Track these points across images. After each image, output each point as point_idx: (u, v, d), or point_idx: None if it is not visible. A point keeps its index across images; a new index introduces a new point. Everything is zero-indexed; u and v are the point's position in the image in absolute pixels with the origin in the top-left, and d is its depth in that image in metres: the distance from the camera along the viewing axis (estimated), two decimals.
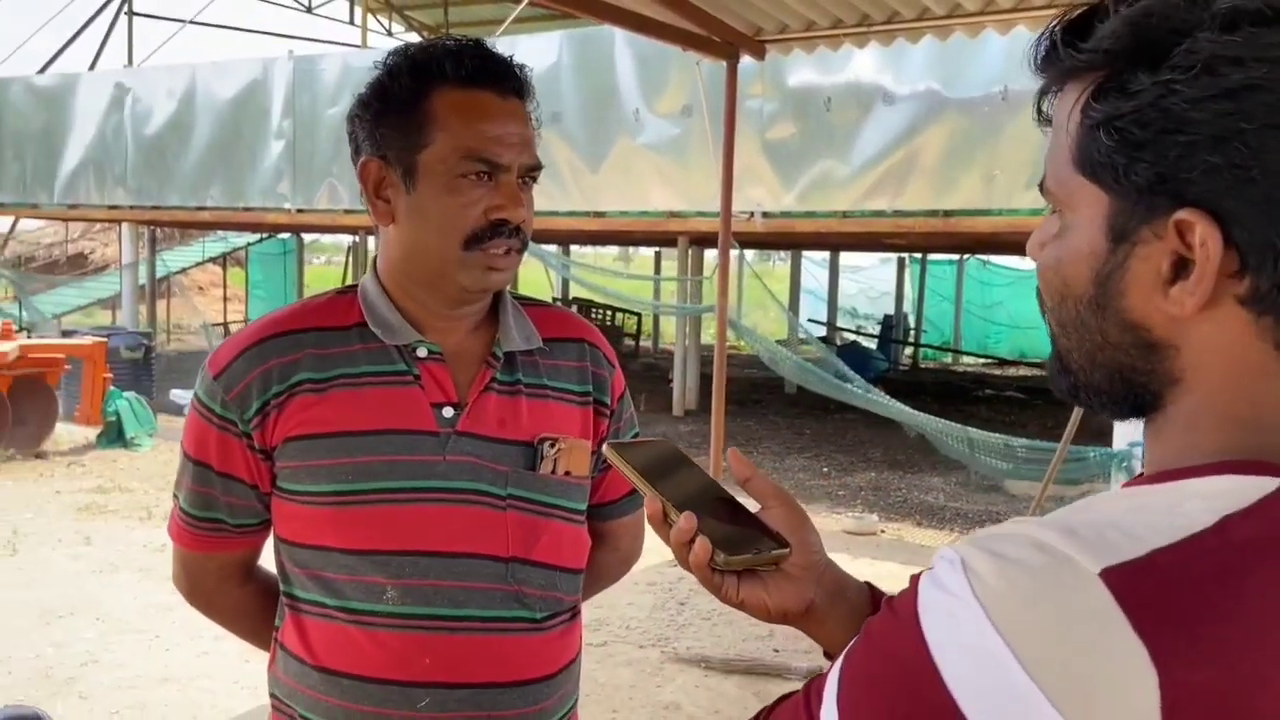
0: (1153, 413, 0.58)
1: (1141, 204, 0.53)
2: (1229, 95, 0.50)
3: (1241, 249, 0.51)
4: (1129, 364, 0.57)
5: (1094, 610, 0.47)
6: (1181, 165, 0.51)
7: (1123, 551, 0.48)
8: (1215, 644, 0.46)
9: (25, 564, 5.45)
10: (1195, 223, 0.51)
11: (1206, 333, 0.54)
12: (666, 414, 11.08)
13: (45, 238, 23.35)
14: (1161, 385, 0.57)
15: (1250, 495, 0.50)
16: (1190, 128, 0.51)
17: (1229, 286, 0.52)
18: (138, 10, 16.54)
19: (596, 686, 4.01)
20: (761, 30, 4.92)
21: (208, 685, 3.97)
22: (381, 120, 1.18)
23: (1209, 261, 0.52)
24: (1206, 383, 0.55)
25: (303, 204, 11.49)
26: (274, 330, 1.21)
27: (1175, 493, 0.53)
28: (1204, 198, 0.51)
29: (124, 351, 9.94)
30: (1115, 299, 0.56)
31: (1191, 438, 0.56)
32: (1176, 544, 0.48)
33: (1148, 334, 0.56)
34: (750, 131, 8.39)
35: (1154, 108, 0.52)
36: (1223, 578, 0.48)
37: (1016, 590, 0.48)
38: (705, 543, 0.74)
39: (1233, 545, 0.48)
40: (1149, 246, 0.54)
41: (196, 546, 1.28)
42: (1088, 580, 0.47)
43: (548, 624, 1.23)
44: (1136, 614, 0.46)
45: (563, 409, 1.26)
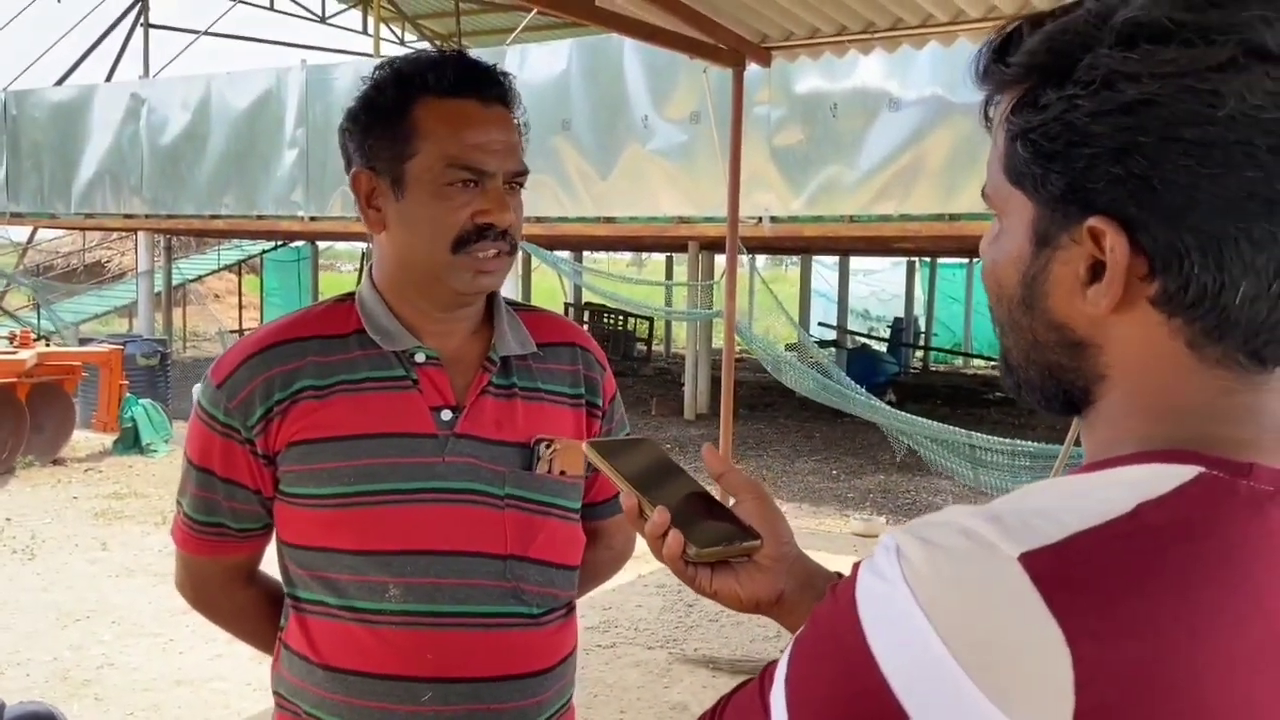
0: (1085, 408, 0.60)
1: (1059, 211, 0.56)
2: (1126, 110, 0.52)
3: (1149, 254, 0.53)
4: (1058, 362, 0.59)
5: (1011, 592, 0.48)
6: (1088, 176, 0.54)
7: (1042, 536, 0.50)
8: (1126, 622, 0.48)
9: (43, 568, 5.53)
10: (1104, 230, 0.54)
11: (1125, 332, 0.56)
12: (678, 417, 11.10)
13: (63, 247, 23.55)
14: (1089, 382, 0.59)
15: (1167, 483, 0.52)
16: (1093, 141, 0.53)
17: (1141, 289, 0.54)
18: (154, 22, 16.68)
19: (605, 687, 4.04)
20: (767, 38, 4.95)
21: (221, 687, 4.02)
22: (369, 133, 1.21)
23: (1117, 265, 0.54)
24: (1128, 379, 0.57)
25: (316, 211, 11.58)
26: (276, 339, 1.25)
27: (1100, 480, 0.55)
28: (1111, 206, 0.53)
29: (140, 359, 10.03)
30: (1041, 300, 0.58)
31: (1118, 430, 0.58)
32: (1093, 528, 0.50)
33: (1072, 333, 0.58)
34: (758, 137, 8.42)
35: (1058, 121, 0.54)
36: (1135, 559, 0.49)
37: (940, 574, 0.50)
38: (678, 536, 0.77)
39: (1146, 529, 0.50)
40: (1068, 251, 0.56)
41: (200, 551, 1.30)
42: (1006, 563, 0.49)
43: (545, 619, 1.27)
44: (1051, 595, 0.48)
45: (556, 411, 1.29)
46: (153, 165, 12.83)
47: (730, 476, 0.83)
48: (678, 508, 0.79)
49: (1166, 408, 0.56)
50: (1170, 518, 0.51)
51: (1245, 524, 0.51)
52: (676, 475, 0.85)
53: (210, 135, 12.29)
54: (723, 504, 0.83)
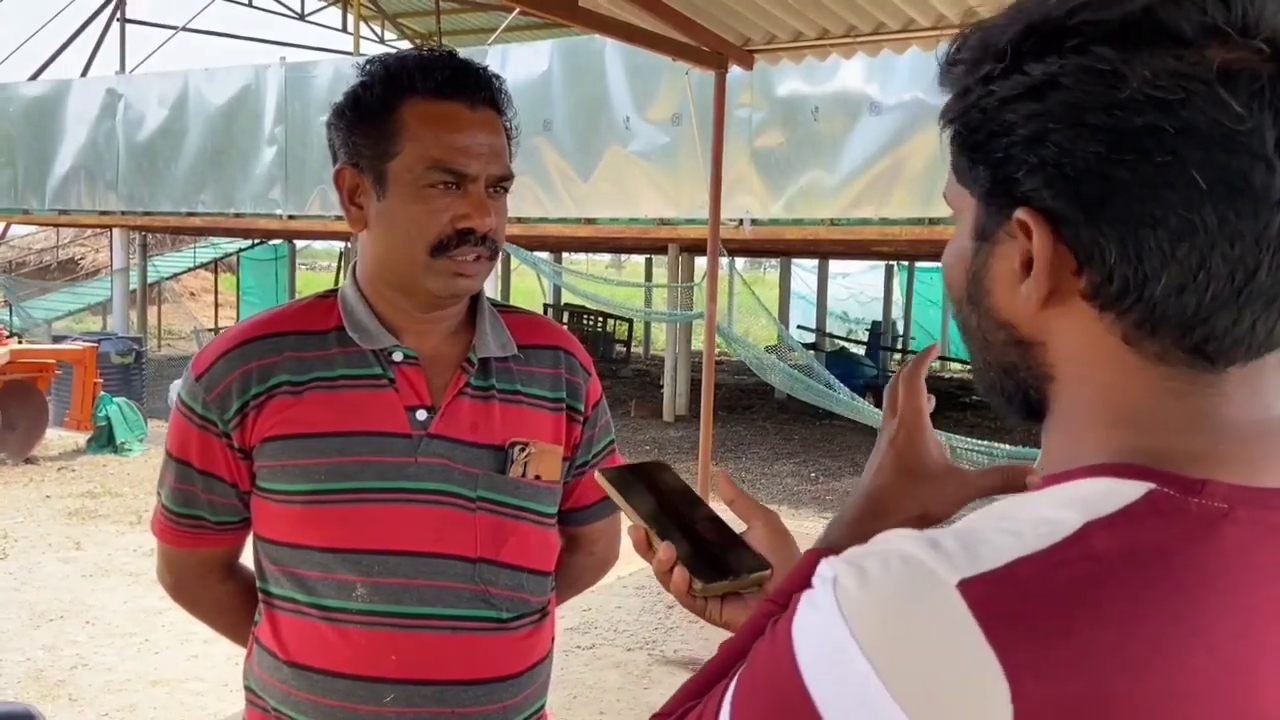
0: (1044, 412, 0.58)
1: (992, 205, 0.55)
2: (1033, 94, 0.51)
3: (1074, 246, 0.52)
4: (1009, 361, 0.58)
5: (948, 621, 0.47)
6: (1009, 166, 0.52)
7: (983, 562, 0.48)
8: (1068, 657, 0.46)
9: (15, 568, 5.46)
10: (1029, 222, 0.52)
11: (1063, 328, 0.54)
12: (657, 419, 11.10)
13: (36, 243, 23.29)
14: (1040, 382, 0.57)
15: (1115, 502, 0.50)
16: (1009, 129, 0.52)
17: (1073, 283, 0.53)
18: (130, 17, 16.54)
19: (584, 688, 4.04)
20: (750, 40, 4.97)
21: (197, 688, 3.99)
22: (354, 129, 1.21)
23: (1042, 259, 0.52)
24: (1073, 377, 0.55)
25: (294, 210, 11.51)
26: (255, 333, 1.24)
27: (1048, 498, 0.53)
28: (1032, 197, 0.52)
29: (115, 357, 9.93)
30: (985, 297, 0.57)
31: (1071, 439, 0.56)
32: (1036, 554, 0.48)
33: (1016, 331, 0.56)
34: (739, 140, 8.45)
35: (976, 108, 0.53)
36: (1078, 589, 0.47)
37: (876, 603, 0.48)
38: (683, 572, 0.77)
39: (1091, 555, 0.48)
40: (1005, 245, 0.55)
41: (179, 543, 1.30)
42: (944, 591, 0.47)
43: (514, 624, 1.26)
44: (990, 625, 0.46)
45: (535, 414, 1.28)
46: (129, 162, 12.71)
47: (742, 503, 0.82)
48: (686, 539, 0.79)
49: (1116, 411, 0.54)
50: (1115, 542, 0.48)
51: (1194, 547, 0.49)
52: (689, 500, 0.84)
53: (187, 132, 12.19)
54: (733, 531, 0.82)
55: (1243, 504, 0.50)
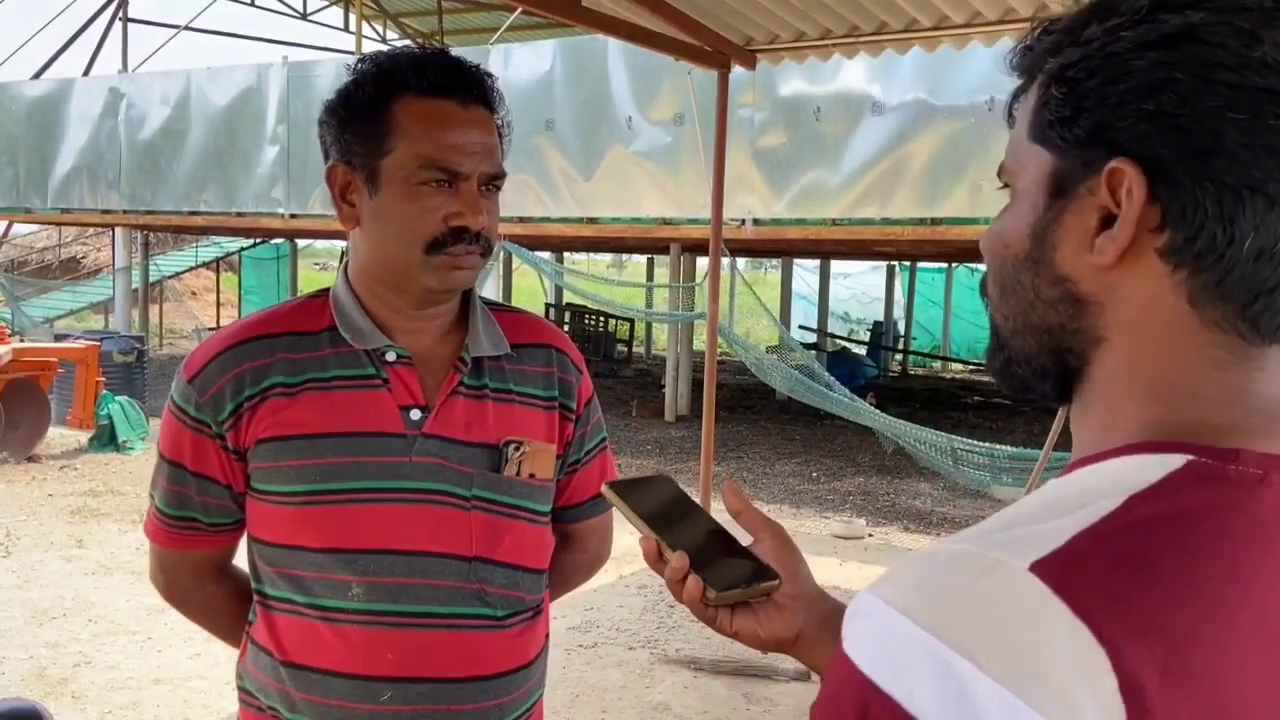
0: (1078, 383, 0.59)
1: (1080, 158, 0.56)
2: (1166, 42, 0.52)
3: (1164, 203, 0.53)
4: (1057, 322, 0.58)
5: (1032, 602, 0.47)
6: (1119, 113, 0.54)
7: (1046, 544, 0.49)
8: (1147, 618, 0.47)
9: (18, 566, 5.47)
10: (1125, 170, 0.53)
11: (1127, 286, 0.55)
12: (659, 419, 11.10)
13: (38, 242, 23.31)
14: (1086, 345, 0.58)
15: (1154, 474, 0.52)
16: (1130, 75, 0.53)
17: (1150, 241, 0.54)
18: (133, 16, 16.55)
19: (586, 687, 4.04)
20: (752, 40, 4.97)
21: (200, 686, 4.00)
22: (346, 127, 1.21)
23: (1132, 207, 0.53)
24: (1128, 340, 0.56)
25: (297, 209, 11.51)
26: (247, 335, 1.24)
27: (1086, 478, 0.54)
28: (1135, 146, 0.53)
29: (116, 355, 9.94)
30: (1048, 252, 0.58)
31: (1111, 414, 0.57)
32: (1091, 528, 0.49)
33: (1075, 287, 0.57)
34: (741, 140, 8.45)
35: (1100, 54, 0.55)
36: (1140, 555, 0.49)
37: (958, 601, 0.48)
38: (697, 580, 0.78)
39: (1137, 524, 0.50)
40: (1083, 201, 0.56)
41: (172, 545, 1.30)
42: (1019, 574, 0.48)
43: (508, 622, 1.26)
44: (1073, 599, 0.47)
45: (528, 413, 1.29)
46: (131, 161, 12.72)
47: (749, 515, 0.84)
48: (696, 549, 0.80)
49: (1155, 382, 0.56)
50: (1163, 509, 0.50)
51: (1236, 510, 0.51)
52: (693, 513, 0.86)
53: (190, 131, 12.20)
54: (740, 543, 0.84)
55: (1277, 470, 0.52)
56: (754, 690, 4.06)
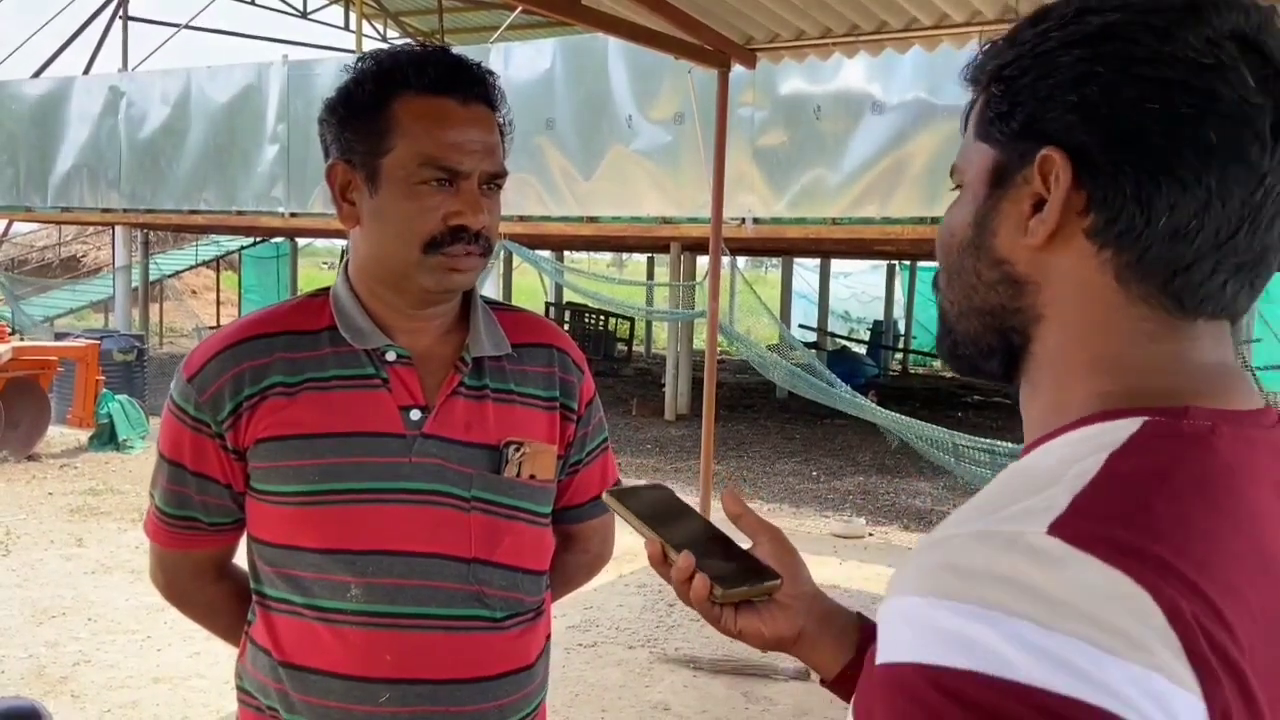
0: (1024, 362, 0.63)
1: (1017, 150, 0.60)
2: (1089, 40, 0.57)
3: (1088, 187, 0.57)
4: (999, 303, 0.63)
5: (1068, 560, 0.49)
6: (1048, 106, 0.58)
7: (1051, 511, 0.51)
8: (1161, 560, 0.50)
9: (18, 564, 5.47)
10: (1054, 157, 0.58)
11: (1060, 265, 0.60)
12: (659, 419, 11.10)
13: (38, 241, 23.31)
14: (1028, 323, 0.62)
15: (1121, 434, 0.56)
16: (1057, 71, 0.58)
17: (1078, 223, 0.58)
18: (133, 15, 16.54)
19: (586, 686, 4.04)
20: (753, 39, 4.97)
21: (199, 685, 4.00)
22: (347, 125, 1.20)
23: (1059, 191, 0.58)
24: (1065, 317, 0.60)
25: (297, 208, 11.51)
26: (246, 334, 1.24)
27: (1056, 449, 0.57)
28: (1063, 136, 0.58)
29: (117, 354, 9.94)
30: (988, 238, 0.62)
31: (1059, 393, 0.61)
32: (1085, 489, 0.52)
33: (1013, 269, 0.61)
34: (742, 139, 8.45)
35: (1032, 54, 0.60)
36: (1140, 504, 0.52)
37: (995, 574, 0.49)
38: (704, 579, 0.81)
39: (1128, 477, 0.53)
40: (1019, 189, 0.60)
41: (172, 544, 1.30)
42: (1044, 540, 0.50)
43: (507, 623, 1.26)
44: (1099, 551, 0.49)
45: (529, 414, 1.28)
46: (131, 159, 12.71)
47: (748, 519, 0.86)
48: (699, 550, 0.83)
49: (1098, 354, 0.59)
50: (1138, 464, 0.54)
51: (1198, 459, 0.55)
52: (692, 519, 0.88)
53: (190, 130, 12.19)
54: (739, 545, 0.86)
55: (1223, 423, 0.57)
56: (753, 689, 4.06)
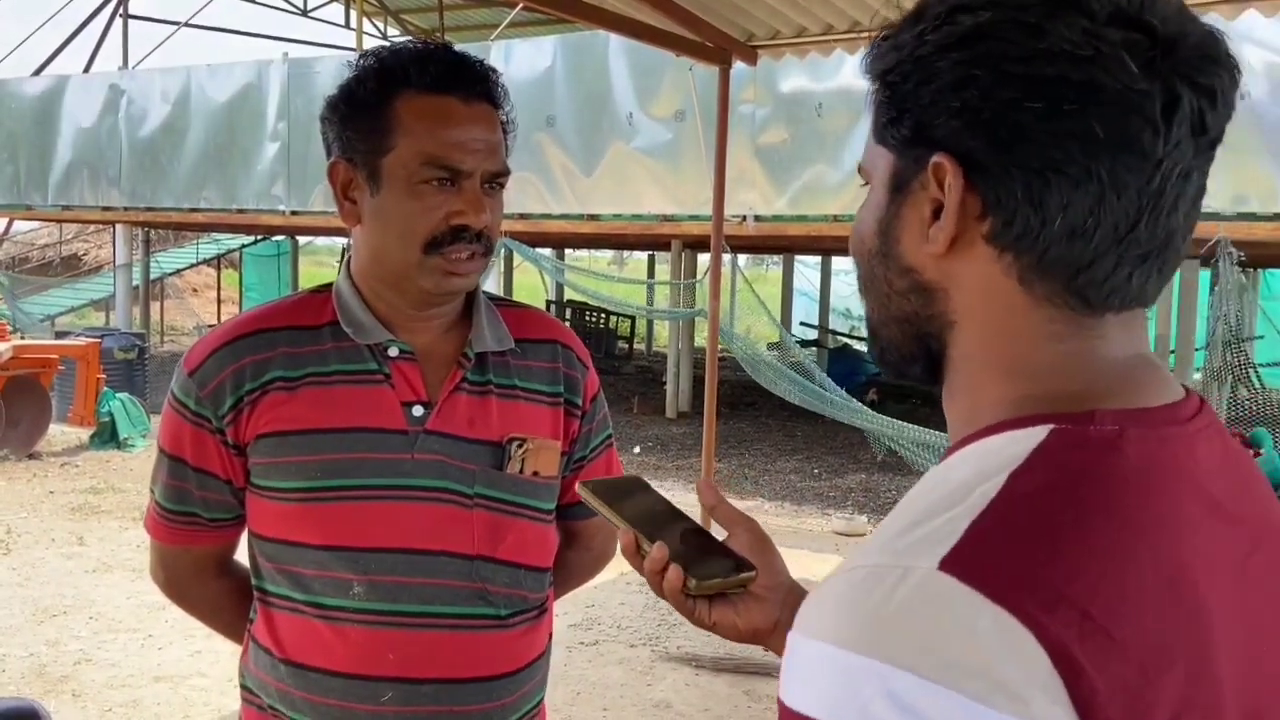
0: (944, 366, 0.62)
1: (911, 156, 0.59)
2: (963, 42, 0.56)
3: (982, 192, 0.56)
4: (912, 310, 0.62)
5: (954, 599, 0.48)
6: (932, 112, 0.57)
7: (946, 540, 0.50)
8: (1058, 588, 0.48)
9: (19, 563, 5.47)
10: (945, 165, 0.56)
11: (965, 272, 0.58)
12: (660, 416, 11.10)
13: (39, 239, 23.31)
14: (941, 329, 0.61)
15: (1025, 446, 0.54)
16: (937, 76, 0.56)
17: (977, 227, 0.57)
18: (133, 13, 16.53)
19: (588, 685, 4.04)
20: (754, 36, 4.96)
21: (200, 684, 3.99)
22: (348, 124, 1.20)
23: (952, 200, 0.56)
24: (974, 322, 0.59)
25: (297, 206, 11.50)
26: (247, 329, 1.23)
27: (967, 462, 0.56)
28: (951, 142, 0.56)
29: (117, 353, 9.94)
30: (894, 246, 0.61)
31: (973, 396, 0.60)
32: (984, 513, 0.51)
33: (920, 276, 0.60)
34: (743, 136, 8.43)
35: (911, 58, 0.58)
36: (1035, 527, 0.51)
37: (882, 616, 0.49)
38: (677, 570, 0.80)
39: (1024, 498, 0.52)
40: (917, 195, 0.59)
41: (172, 540, 1.29)
42: (933, 577, 0.49)
43: (512, 621, 1.25)
44: (986, 587, 0.48)
45: (533, 409, 1.27)
46: (131, 158, 12.71)
47: (723, 510, 0.86)
48: (674, 543, 0.82)
49: (1006, 359, 0.58)
50: (1039, 481, 0.53)
51: (1105, 466, 0.54)
52: (669, 512, 0.88)
53: (190, 128, 12.18)
54: (715, 538, 0.85)
55: (1131, 424, 0.55)
56: (755, 688, 4.06)
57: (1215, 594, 0.53)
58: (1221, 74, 0.55)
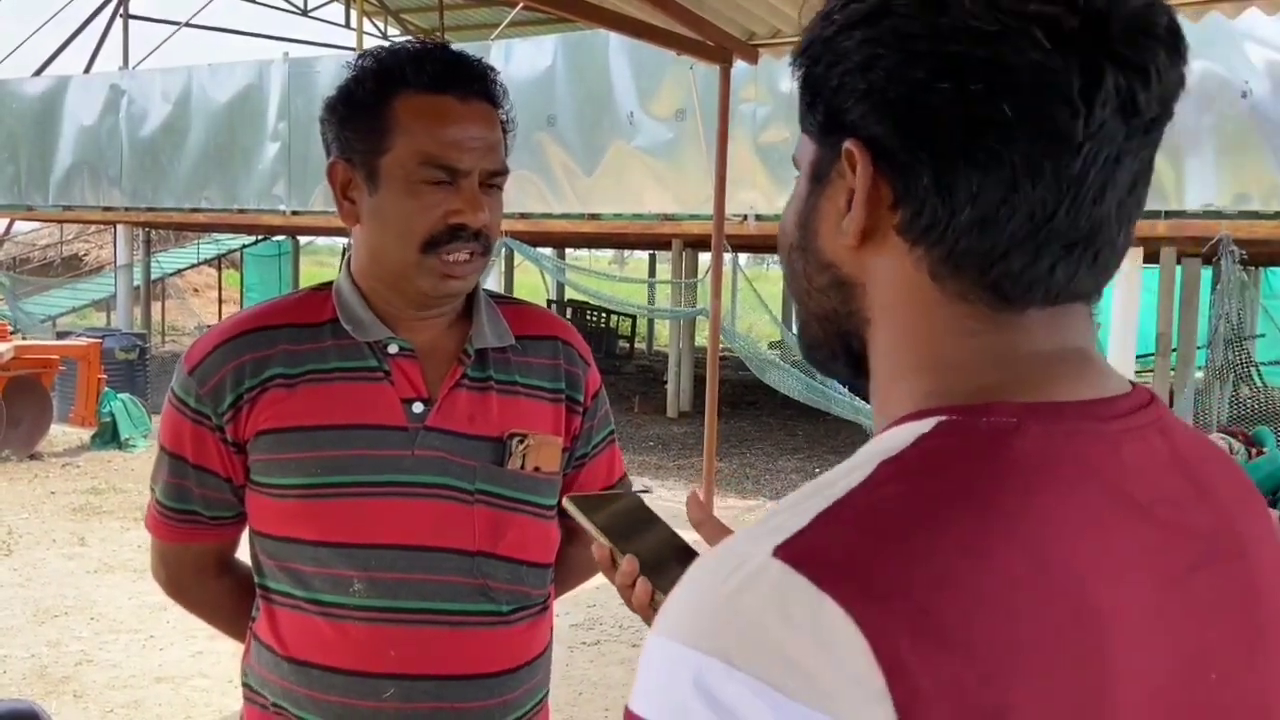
0: (864, 363, 0.59)
1: (826, 144, 0.55)
2: (867, 20, 0.52)
3: (891, 180, 0.53)
4: (831, 307, 0.59)
5: (780, 586, 0.46)
6: (841, 95, 0.53)
7: (791, 526, 0.48)
8: (889, 580, 0.46)
9: (20, 564, 5.47)
10: (854, 151, 0.53)
11: (879, 266, 0.55)
12: (661, 416, 11.10)
13: (40, 239, 23.32)
14: (860, 326, 0.58)
15: (906, 439, 0.51)
16: (844, 58, 0.53)
17: (889, 219, 0.54)
18: (133, 13, 16.53)
19: (589, 685, 4.03)
20: (755, 35, 4.95)
21: (202, 684, 3.99)
22: (346, 124, 1.20)
23: (861, 186, 0.53)
24: (888, 319, 0.56)
25: (298, 206, 11.50)
26: (248, 326, 1.24)
27: (853, 459, 0.54)
28: (860, 126, 0.53)
29: (119, 353, 9.95)
30: (812, 239, 0.58)
31: (884, 394, 0.57)
32: (835, 503, 0.49)
33: (838, 271, 0.57)
34: (744, 135, 8.42)
35: (820, 39, 0.55)
36: (876, 518, 0.48)
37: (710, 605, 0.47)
38: (645, 584, 0.81)
39: (881, 485, 0.49)
40: (834, 185, 0.56)
41: (172, 538, 1.30)
42: (765, 563, 0.47)
43: (514, 617, 1.25)
44: (816, 576, 0.46)
45: (534, 405, 1.28)
46: (132, 158, 12.71)
47: (709, 526, 0.84)
48: (649, 557, 0.83)
49: (917, 356, 0.55)
50: (904, 468, 0.50)
51: (985, 459, 0.50)
52: (654, 527, 0.89)
53: (191, 128, 12.18)
54: (695, 551, 0.85)
55: (1033, 418, 0.51)
56: None
57: (1121, 602, 0.49)
58: (1156, 49, 0.50)
